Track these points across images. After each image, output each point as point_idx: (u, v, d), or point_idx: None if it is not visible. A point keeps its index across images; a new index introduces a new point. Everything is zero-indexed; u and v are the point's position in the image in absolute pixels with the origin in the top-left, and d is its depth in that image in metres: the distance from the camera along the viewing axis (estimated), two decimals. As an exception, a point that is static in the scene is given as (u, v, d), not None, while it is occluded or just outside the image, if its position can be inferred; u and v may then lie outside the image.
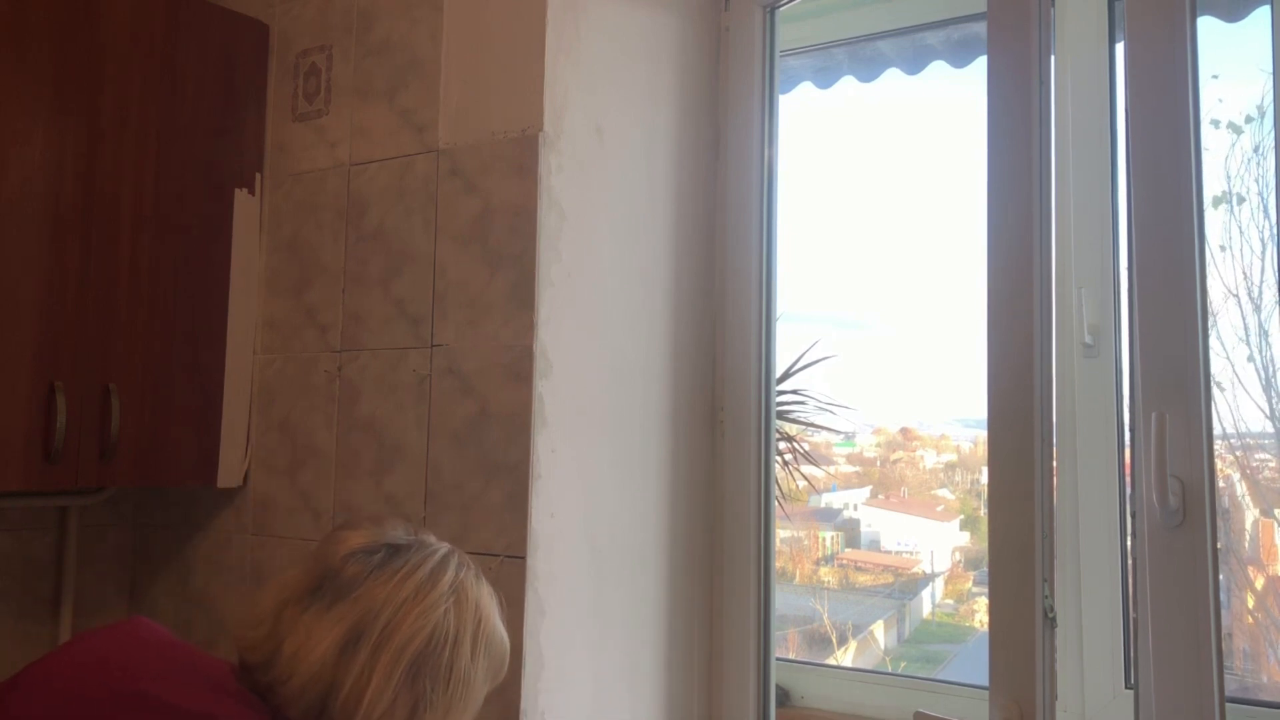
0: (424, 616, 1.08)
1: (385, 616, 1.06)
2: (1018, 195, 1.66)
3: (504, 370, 1.72)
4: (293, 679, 1.04)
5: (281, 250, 2.07)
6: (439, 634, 1.09)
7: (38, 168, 1.79)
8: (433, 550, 1.14)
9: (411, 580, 1.09)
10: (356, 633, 1.05)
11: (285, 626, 1.06)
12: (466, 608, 1.12)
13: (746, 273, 2.03)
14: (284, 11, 2.12)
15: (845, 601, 2.90)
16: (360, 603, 1.06)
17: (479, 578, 1.18)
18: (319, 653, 1.04)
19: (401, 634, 1.06)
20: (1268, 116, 1.95)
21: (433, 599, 1.09)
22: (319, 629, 1.05)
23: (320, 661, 1.04)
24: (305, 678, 1.04)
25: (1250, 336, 2.00)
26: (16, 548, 2.12)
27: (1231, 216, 2.00)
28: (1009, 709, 1.58)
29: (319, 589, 1.08)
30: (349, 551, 1.10)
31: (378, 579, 1.08)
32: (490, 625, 1.16)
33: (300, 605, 1.07)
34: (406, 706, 1.07)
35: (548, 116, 1.73)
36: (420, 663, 1.07)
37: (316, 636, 1.05)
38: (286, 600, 1.09)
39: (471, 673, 1.12)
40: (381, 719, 1.05)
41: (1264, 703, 1.96)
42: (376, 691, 1.04)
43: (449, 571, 1.13)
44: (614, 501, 1.84)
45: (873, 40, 2.33)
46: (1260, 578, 2.12)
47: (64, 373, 1.81)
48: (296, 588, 1.09)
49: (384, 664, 1.05)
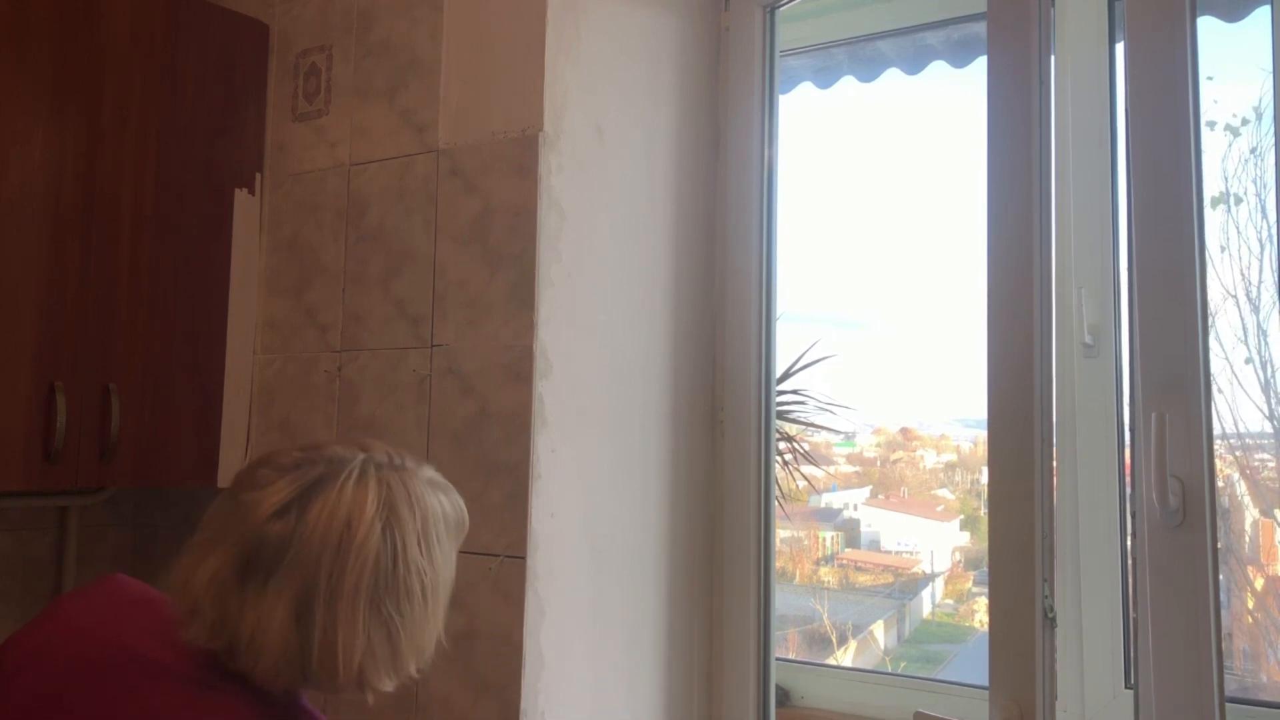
0: (362, 551, 1.04)
1: (326, 568, 1.02)
2: (1018, 195, 1.66)
3: (504, 370, 1.72)
4: (261, 662, 1.03)
5: (281, 250, 2.07)
6: (383, 559, 1.05)
7: (38, 168, 1.79)
8: (346, 473, 1.07)
9: (337, 519, 1.04)
10: (305, 597, 1.02)
11: (232, 614, 1.03)
12: (401, 513, 1.08)
13: (746, 273, 2.02)
14: (284, 11, 2.12)
15: (845, 601, 2.90)
16: (296, 566, 1.02)
17: (398, 466, 1.12)
18: (276, 630, 1.02)
19: (348, 579, 1.03)
20: (1265, 117, 1.95)
21: (365, 529, 1.04)
22: (266, 607, 1.02)
23: (281, 637, 1.02)
24: (274, 657, 1.02)
25: (1249, 337, 2.00)
26: (16, 548, 2.12)
27: (1229, 217, 2.00)
28: (1009, 709, 1.58)
29: (250, 566, 1.03)
30: (265, 515, 1.04)
31: (303, 533, 1.03)
32: (430, 510, 1.11)
33: (239, 589, 1.03)
34: (383, 637, 1.05)
35: (548, 116, 1.73)
36: (377, 594, 1.05)
37: (268, 615, 1.02)
38: (222, 587, 1.04)
39: (431, 568, 1.10)
40: (364, 661, 1.04)
41: (1264, 703, 1.96)
42: (347, 641, 1.03)
43: (370, 489, 1.07)
44: (614, 501, 1.84)
45: (873, 40, 2.33)
46: (1260, 578, 2.12)
47: (64, 373, 1.81)
48: (226, 569, 1.04)
49: (343, 613, 1.03)
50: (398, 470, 1.11)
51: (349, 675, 1.04)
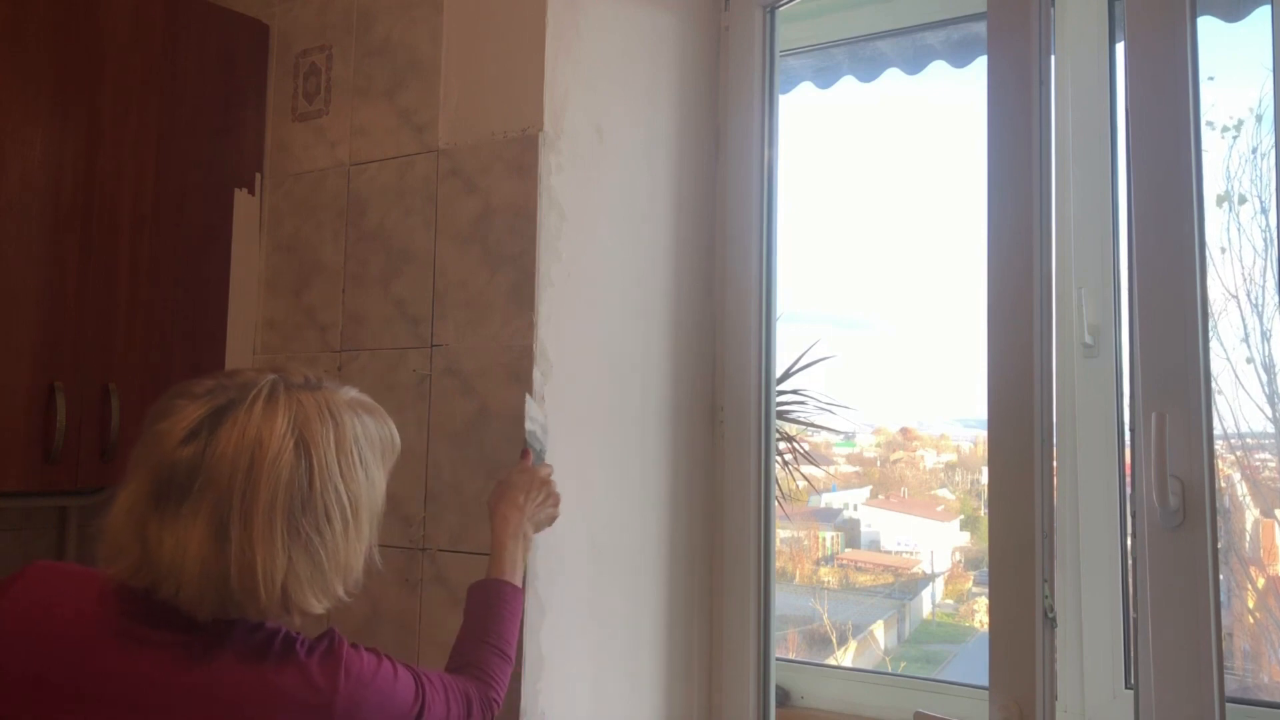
0: (274, 468, 1.03)
1: (239, 488, 1.02)
2: (1018, 195, 1.66)
3: (504, 370, 1.72)
4: (183, 588, 1.02)
5: (281, 250, 2.07)
6: (296, 478, 1.04)
7: (38, 168, 1.79)
8: (255, 393, 1.06)
9: (247, 438, 1.03)
10: (220, 517, 1.01)
11: (152, 543, 1.03)
12: (313, 430, 1.06)
13: (746, 273, 2.02)
14: (284, 11, 2.12)
15: (845, 601, 2.91)
16: (208, 488, 1.02)
17: (315, 387, 1.11)
18: (194, 553, 1.01)
19: (261, 496, 1.02)
20: (1266, 117, 1.95)
21: (275, 446, 1.03)
22: (183, 530, 1.01)
23: (200, 560, 1.01)
24: (195, 581, 1.01)
25: (1250, 338, 2.00)
26: (16, 548, 2.12)
27: (1232, 217, 2.00)
28: (1009, 709, 1.58)
29: (164, 492, 1.03)
30: (176, 441, 1.03)
31: (213, 454, 1.02)
32: (347, 428, 1.10)
33: (156, 516, 1.03)
34: (303, 555, 1.04)
35: (548, 116, 1.73)
36: (293, 512, 1.04)
37: (185, 538, 1.01)
38: (139, 517, 1.04)
39: (350, 486, 1.08)
40: (287, 579, 1.03)
41: (1264, 703, 1.97)
42: (266, 560, 1.02)
43: (279, 409, 1.05)
44: (614, 501, 1.84)
45: (873, 40, 2.33)
46: (1260, 578, 2.12)
47: (64, 373, 1.81)
48: (142, 499, 1.04)
49: (259, 531, 1.02)
50: (313, 390, 1.10)
51: (271, 595, 1.03)
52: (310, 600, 1.06)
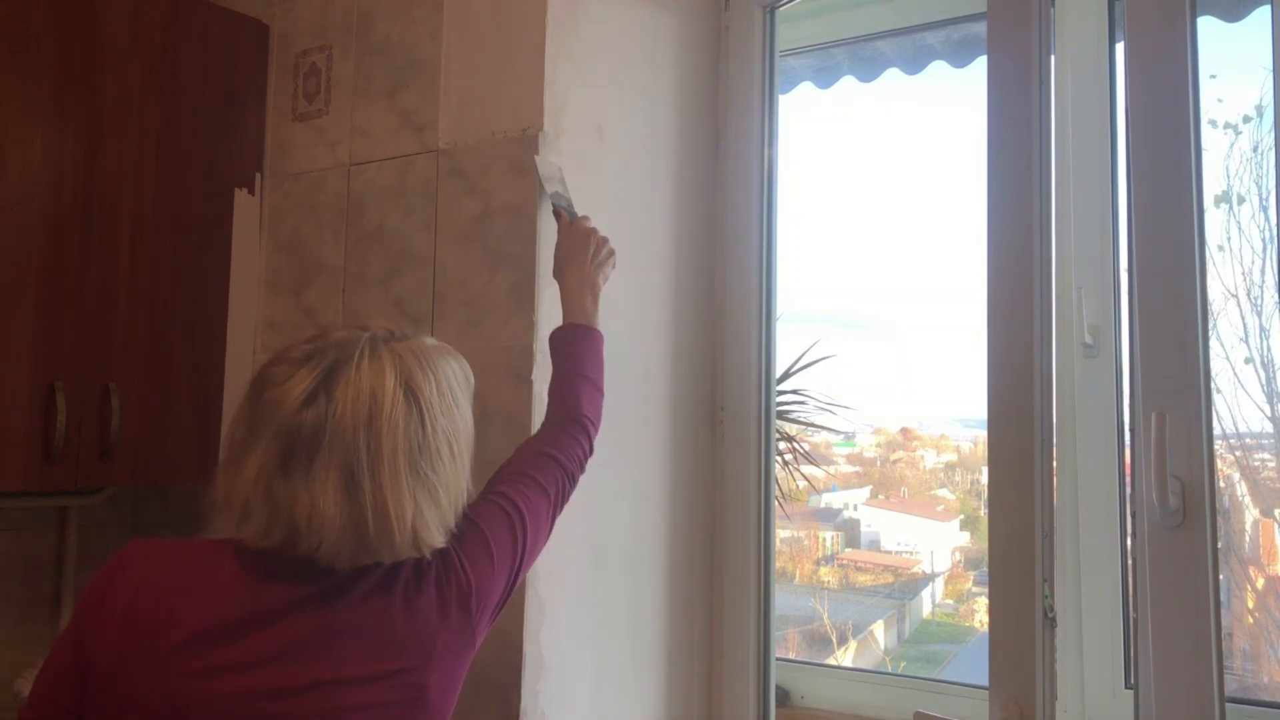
0: (392, 419, 1.11)
1: (363, 441, 1.09)
2: (1018, 195, 1.66)
3: (504, 370, 1.72)
4: (324, 542, 1.08)
5: (281, 250, 2.07)
6: (411, 425, 1.12)
7: (38, 168, 1.79)
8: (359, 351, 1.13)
9: (363, 395, 1.10)
10: (350, 471, 1.08)
11: (284, 503, 1.09)
12: (418, 380, 1.14)
13: (746, 273, 2.02)
14: (284, 11, 2.12)
15: (845, 601, 2.91)
16: (334, 446, 1.08)
17: (403, 338, 1.18)
18: (330, 508, 1.07)
19: (385, 447, 1.10)
20: (1267, 116, 1.95)
21: (389, 400, 1.11)
22: (316, 488, 1.08)
23: (337, 514, 1.07)
24: (334, 534, 1.08)
25: (1250, 337, 2.00)
26: (16, 547, 2.12)
27: (1231, 216, 2.00)
28: (1009, 709, 1.58)
29: (292, 454, 1.09)
30: (295, 405, 1.10)
31: (334, 413, 1.09)
32: (442, 373, 1.18)
33: (284, 477, 1.09)
34: (425, 495, 1.12)
35: (548, 116, 1.73)
36: (413, 456, 1.11)
37: (320, 494, 1.08)
38: (267, 479, 1.09)
39: (453, 426, 1.17)
40: (415, 520, 1.11)
41: (1264, 703, 1.97)
42: (396, 504, 1.09)
43: (384, 365, 1.13)
44: (614, 501, 1.84)
45: (873, 40, 2.33)
46: (1260, 578, 2.12)
47: (64, 373, 1.81)
48: (271, 462, 1.10)
49: (387, 481, 1.09)
50: (403, 341, 1.18)
51: (404, 536, 1.10)
52: (435, 535, 1.14)
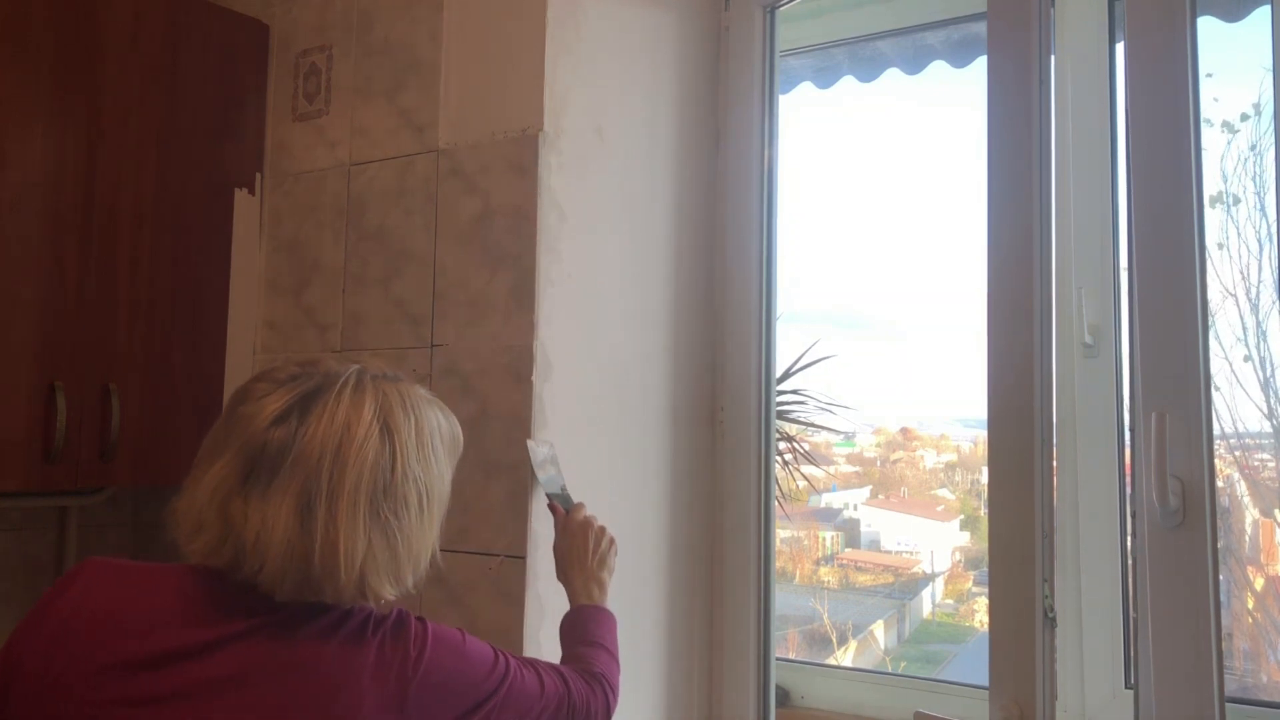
0: (361, 452, 1.07)
1: (326, 469, 1.05)
2: (1018, 195, 1.66)
3: (504, 370, 1.72)
4: (266, 566, 1.04)
5: (281, 250, 2.07)
6: (381, 462, 1.08)
7: (38, 168, 1.79)
8: (343, 381, 1.11)
9: (336, 422, 1.07)
10: (307, 496, 1.04)
11: (237, 520, 1.05)
12: (397, 419, 1.11)
13: (746, 273, 2.03)
14: (284, 11, 2.12)
15: (845, 601, 2.91)
16: (297, 467, 1.05)
17: (395, 379, 1.16)
18: (280, 531, 1.04)
19: (348, 479, 1.06)
20: (1264, 115, 1.95)
21: (363, 432, 1.08)
22: (271, 508, 1.04)
23: (285, 538, 1.04)
24: (278, 558, 1.04)
25: (1248, 336, 2.00)
26: (16, 547, 2.12)
27: (1228, 216, 2.00)
28: (1009, 709, 1.58)
29: (253, 471, 1.06)
30: (266, 423, 1.07)
31: (303, 437, 1.06)
32: (425, 422, 1.15)
33: (242, 494, 1.05)
34: (382, 540, 1.08)
35: (548, 116, 1.73)
36: (376, 497, 1.07)
37: (272, 515, 1.04)
38: (224, 495, 1.06)
39: (428, 477, 1.13)
40: (365, 562, 1.06)
41: (1264, 703, 1.97)
42: (349, 541, 1.05)
43: (366, 397, 1.10)
44: (614, 501, 1.84)
45: (873, 40, 2.33)
46: (1260, 578, 2.12)
47: (64, 373, 1.81)
48: (230, 477, 1.07)
49: (344, 513, 1.05)
50: (393, 382, 1.15)
51: (350, 576, 1.05)
52: (384, 585, 1.09)
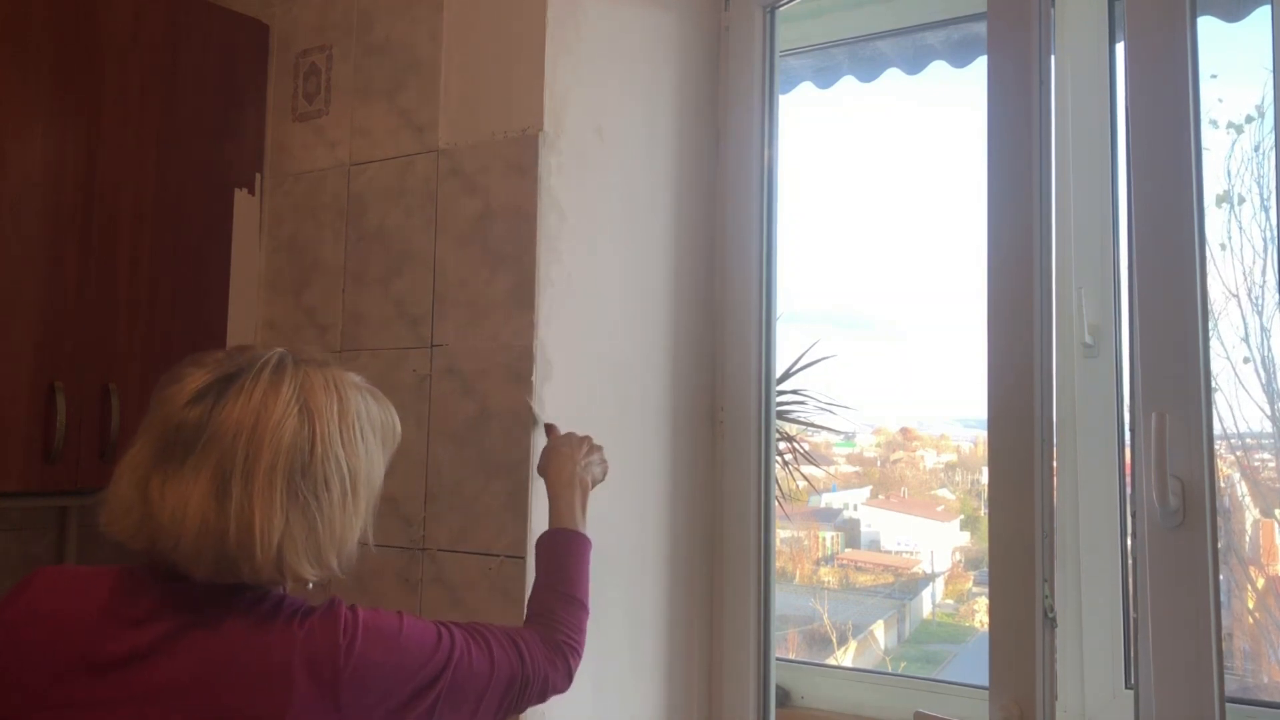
0: (278, 431, 1.06)
1: (242, 447, 1.05)
2: (1018, 195, 1.66)
3: (504, 370, 1.72)
4: (181, 543, 1.04)
5: (281, 250, 2.07)
6: (299, 442, 1.07)
7: (38, 167, 1.79)
8: (264, 362, 1.10)
9: (252, 403, 1.06)
10: (221, 476, 1.04)
11: (154, 499, 1.05)
12: (318, 400, 1.10)
13: (746, 273, 2.02)
14: (284, 11, 2.12)
15: (845, 601, 2.91)
16: (211, 445, 1.05)
17: (323, 364, 1.15)
18: (194, 508, 1.03)
19: (264, 457, 1.05)
20: (1268, 116, 1.95)
21: (280, 410, 1.07)
22: (184, 487, 1.04)
23: (200, 516, 1.03)
24: (192, 537, 1.03)
25: (1250, 337, 2.00)
26: (16, 548, 2.12)
27: (1232, 216, 2.00)
28: (1009, 709, 1.58)
29: (168, 450, 1.06)
30: (183, 402, 1.07)
31: (219, 415, 1.05)
32: (350, 405, 1.13)
33: (159, 474, 1.06)
34: (300, 520, 1.06)
35: (548, 116, 1.73)
36: (293, 476, 1.06)
37: (186, 495, 1.04)
38: (143, 475, 1.07)
39: (352, 460, 1.11)
40: (283, 541, 1.05)
41: (1264, 703, 1.97)
42: (263, 519, 1.04)
43: (286, 376, 1.10)
44: (614, 501, 1.83)
45: (873, 40, 2.33)
46: (1260, 578, 2.12)
47: (64, 373, 1.81)
48: (147, 459, 1.07)
49: (259, 491, 1.04)
50: (320, 366, 1.14)
51: (266, 555, 1.04)
52: (304, 565, 1.07)
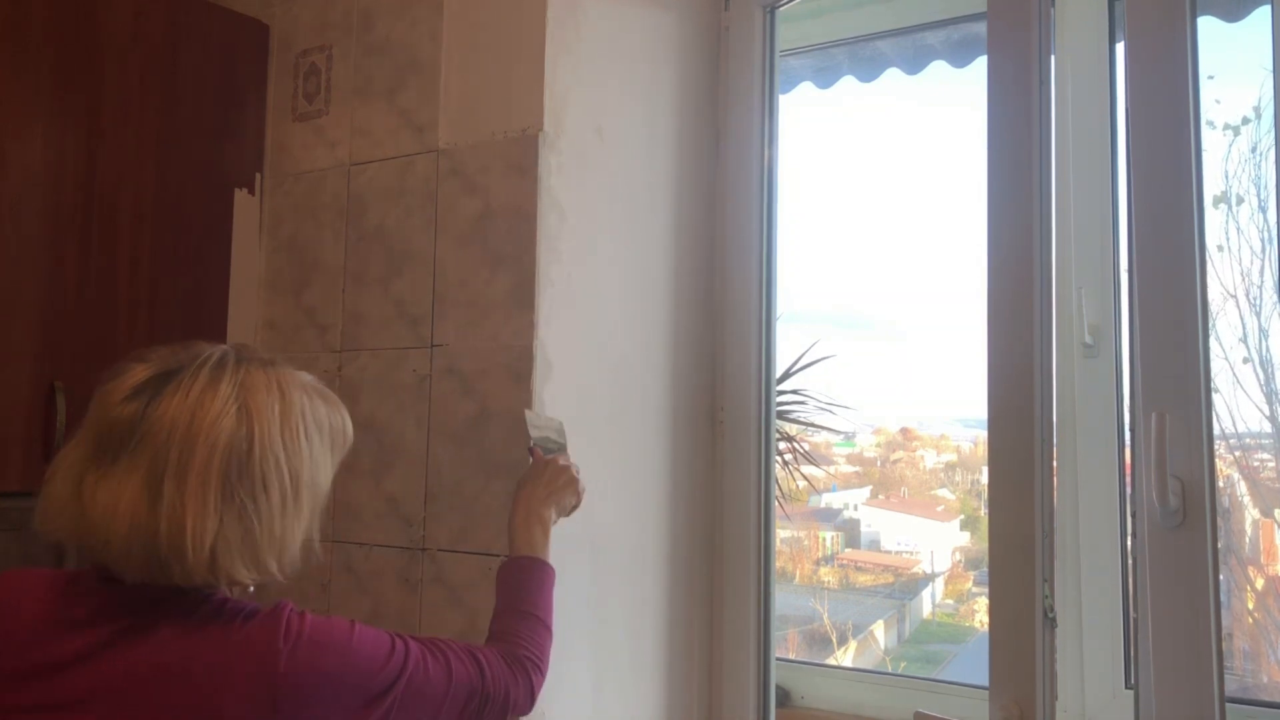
0: (214, 430, 1.02)
1: (176, 445, 1.01)
2: (1018, 195, 1.66)
3: (504, 370, 1.72)
4: (111, 542, 1.01)
5: (281, 250, 2.07)
6: (235, 442, 1.03)
7: (38, 167, 1.79)
8: (204, 359, 1.07)
9: (190, 398, 1.03)
10: (154, 472, 1.01)
11: (86, 498, 1.02)
12: (258, 400, 1.06)
13: (746, 273, 2.02)
14: (284, 11, 2.12)
15: (845, 601, 2.91)
16: (146, 442, 1.01)
17: (268, 364, 1.11)
18: (126, 506, 1.00)
19: (198, 455, 1.01)
20: (1265, 116, 1.95)
21: (217, 408, 1.03)
22: (116, 486, 1.01)
23: (130, 515, 1.00)
24: (123, 536, 1.00)
25: (1249, 337, 2.00)
26: (16, 548, 2.11)
27: (1230, 217, 2.00)
28: (1009, 709, 1.58)
29: (103, 448, 1.03)
30: (120, 398, 1.04)
31: (153, 412, 1.02)
32: (294, 405, 1.10)
33: (94, 472, 1.03)
34: (235, 521, 1.03)
35: (548, 116, 1.73)
36: (229, 476, 1.03)
37: (118, 494, 1.01)
38: (77, 473, 1.04)
39: (294, 462, 1.08)
40: (216, 543, 1.01)
41: (1264, 703, 1.97)
42: (196, 520, 1.00)
43: (226, 374, 1.06)
44: (614, 502, 1.84)
45: (873, 40, 2.33)
46: (1260, 578, 2.13)
47: (64, 373, 1.81)
48: (82, 457, 1.04)
49: (193, 491, 1.01)
50: (264, 366, 1.10)
51: (199, 556, 1.01)
52: (239, 568, 1.04)
